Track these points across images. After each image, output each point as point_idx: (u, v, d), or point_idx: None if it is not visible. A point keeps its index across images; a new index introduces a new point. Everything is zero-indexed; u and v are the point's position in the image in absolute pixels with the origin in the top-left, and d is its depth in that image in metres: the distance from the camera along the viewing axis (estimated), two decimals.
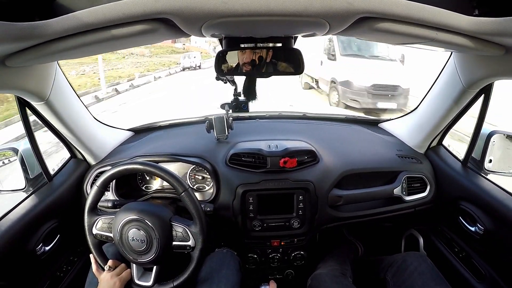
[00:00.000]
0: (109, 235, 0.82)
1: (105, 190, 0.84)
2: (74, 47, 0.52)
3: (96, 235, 0.83)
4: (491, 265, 0.95)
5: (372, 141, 1.30)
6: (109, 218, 0.83)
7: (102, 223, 0.83)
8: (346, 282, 1.02)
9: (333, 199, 1.08)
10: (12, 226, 0.85)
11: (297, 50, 0.73)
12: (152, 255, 0.78)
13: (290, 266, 1.18)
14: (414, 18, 0.49)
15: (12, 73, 0.69)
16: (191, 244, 0.80)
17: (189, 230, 0.81)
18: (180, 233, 0.81)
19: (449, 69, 0.95)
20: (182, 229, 0.81)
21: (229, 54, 0.74)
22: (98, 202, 0.85)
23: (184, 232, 0.81)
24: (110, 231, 0.82)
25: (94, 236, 0.84)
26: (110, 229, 0.82)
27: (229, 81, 1.14)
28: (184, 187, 0.81)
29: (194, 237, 0.80)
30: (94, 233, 0.83)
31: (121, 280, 0.82)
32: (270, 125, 1.45)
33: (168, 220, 0.81)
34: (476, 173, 1.03)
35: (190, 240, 0.80)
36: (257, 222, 1.06)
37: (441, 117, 1.05)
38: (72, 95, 1.00)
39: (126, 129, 1.41)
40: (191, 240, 0.80)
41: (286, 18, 0.47)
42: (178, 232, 0.81)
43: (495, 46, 0.58)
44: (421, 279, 0.88)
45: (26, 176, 0.99)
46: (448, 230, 1.15)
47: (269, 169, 1.06)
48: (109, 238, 0.82)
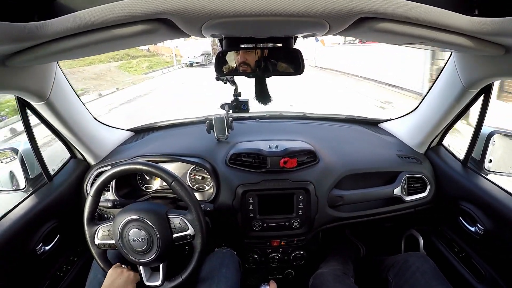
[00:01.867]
0: (111, 242, 0.82)
1: (100, 197, 0.84)
2: (74, 47, 0.52)
3: (99, 245, 0.83)
4: (491, 265, 0.95)
5: (372, 141, 1.30)
6: (108, 225, 0.82)
7: (103, 231, 0.83)
8: (348, 282, 1.02)
9: (333, 199, 1.08)
10: (12, 226, 0.85)
11: (297, 50, 0.73)
12: (155, 253, 0.78)
13: (290, 266, 1.18)
14: (414, 18, 0.49)
15: (12, 73, 0.69)
16: (191, 233, 0.80)
17: (186, 219, 0.80)
18: (178, 224, 0.80)
19: (449, 69, 0.95)
20: (179, 219, 0.81)
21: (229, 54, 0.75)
22: (95, 211, 0.84)
23: (181, 222, 0.80)
24: (112, 238, 0.81)
25: (97, 246, 0.83)
26: (111, 236, 0.81)
27: (229, 81, 1.13)
28: (173, 176, 0.81)
29: (192, 224, 0.80)
30: (96, 243, 0.83)
31: (129, 278, 0.81)
32: (270, 125, 1.45)
33: (165, 214, 0.81)
34: (476, 173, 1.03)
35: (189, 228, 0.80)
36: (257, 222, 1.06)
37: (441, 117, 1.05)
38: (72, 95, 1.00)
39: (126, 129, 1.41)
40: (189, 229, 0.80)
41: (286, 18, 0.47)
42: (176, 223, 0.80)
43: (495, 46, 0.58)
44: (423, 279, 0.88)
45: (26, 176, 0.99)
46: (448, 230, 1.15)
47: (269, 169, 1.06)
48: (111, 245, 0.82)
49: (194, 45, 17.08)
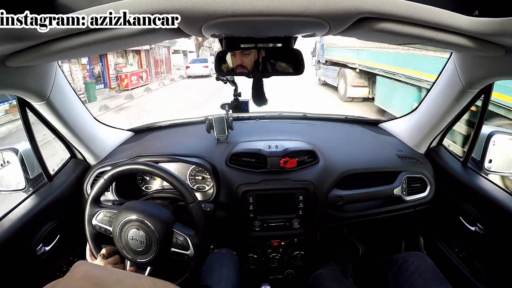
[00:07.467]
0: (108, 228, 0.82)
1: (112, 183, 0.84)
2: (74, 47, 0.52)
3: (95, 226, 0.83)
4: (491, 265, 0.95)
5: (372, 141, 1.30)
6: (111, 212, 0.82)
7: (103, 215, 0.83)
8: (347, 282, 1.02)
9: (333, 199, 1.07)
10: (12, 226, 0.85)
11: (297, 50, 0.73)
12: (149, 257, 0.78)
13: (290, 266, 1.18)
14: (414, 19, 0.49)
15: (12, 73, 0.69)
16: (190, 254, 0.80)
17: (191, 241, 0.80)
18: (180, 241, 0.80)
19: (449, 69, 0.95)
20: (183, 238, 0.80)
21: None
22: (101, 194, 0.85)
23: (185, 241, 0.80)
24: (110, 224, 0.81)
25: (93, 226, 0.83)
26: (111, 223, 0.81)
27: (229, 81, 1.13)
28: (194, 198, 0.83)
29: (195, 248, 0.80)
30: (93, 223, 0.83)
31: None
32: (270, 125, 1.45)
33: (171, 226, 0.81)
34: (476, 173, 1.03)
35: (190, 250, 0.80)
36: (257, 222, 1.06)
37: (441, 117, 1.05)
38: (72, 95, 1.00)
39: (126, 129, 1.41)
40: (190, 250, 0.80)
41: (286, 18, 0.47)
42: (178, 239, 0.80)
43: (495, 46, 0.58)
44: (422, 279, 0.88)
45: (26, 176, 0.99)
46: (448, 230, 1.15)
47: (269, 169, 1.06)
48: (107, 231, 0.82)
49: None
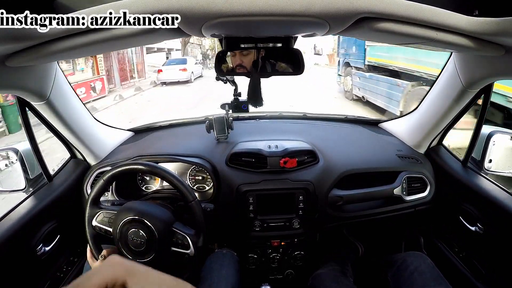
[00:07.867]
0: (108, 229, 0.81)
1: (112, 183, 0.84)
2: (74, 47, 0.52)
3: (95, 227, 0.83)
4: (491, 265, 0.95)
5: (372, 141, 1.30)
6: (110, 213, 0.82)
7: (103, 216, 0.83)
8: (347, 282, 1.02)
9: (333, 199, 1.07)
10: (12, 226, 0.85)
11: (297, 50, 0.73)
12: (149, 257, 0.78)
13: (290, 266, 1.18)
14: (414, 18, 0.49)
15: (12, 73, 0.69)
16: (190, 254, 0.80)
17: (191, 240, 0.80)
18: (181, 240, 0.80)
19: (449, 69, 0.95)
20: (183, 237, 0.80)
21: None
22: (101, 195, 0.84)
23: (185, 240, 0.80)
24: (110, 225, 0.81)
25: (93, 227, 0.83)
26: (111, 224, 0.81)
27: (229, 81, 1.14)
28: (194, 197, 0.83)
29: (195, 247, 0.80)
30: (93, 224, 0.83)
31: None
32: (270, 125, 1.45)
33: (170, 226, 0.81)
34: (476, 173, 1.03)
35: (190, 249, 0.80)
36: (257, 222, 1.06)
37: (441, 117, 1.05)
38: (72, 95, 1.00)
39: (126, 129, 1.41)
40: (191, 249, 0.80)
41: (286, 18, 0.47)
42: (179, 239, 0.80)
43: (495, 46, 0.58)
44: (421, 279, 0.88)
45: (26, 176, 0.99)
46: (448, 230, 1.15)
47: (269, 169, 1.06)
48: (107, 232, 0.82)
49: None
